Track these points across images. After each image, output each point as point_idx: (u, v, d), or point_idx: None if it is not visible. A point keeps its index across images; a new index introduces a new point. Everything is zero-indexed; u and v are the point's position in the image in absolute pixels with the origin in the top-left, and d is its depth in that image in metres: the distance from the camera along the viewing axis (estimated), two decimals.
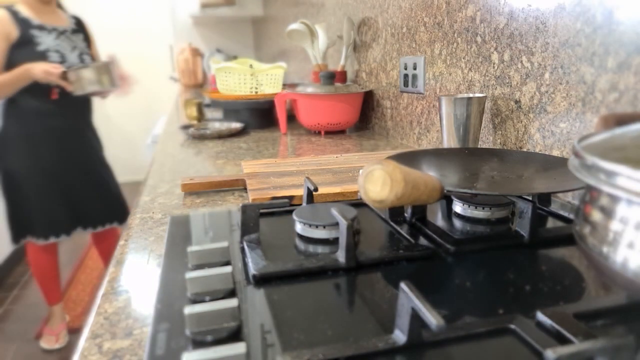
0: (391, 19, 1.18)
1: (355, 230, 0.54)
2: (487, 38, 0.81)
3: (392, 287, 0.42)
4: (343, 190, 0.70)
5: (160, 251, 0.55)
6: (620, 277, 0.31)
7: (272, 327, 0.36)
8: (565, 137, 0.66)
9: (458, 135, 0.78)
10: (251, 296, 0.41)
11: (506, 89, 0.77)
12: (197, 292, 0.40)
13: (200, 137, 1.32)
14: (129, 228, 0.63)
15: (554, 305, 0.38)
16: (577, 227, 0.36)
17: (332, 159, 0.93)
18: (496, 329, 0.35)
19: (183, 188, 0.76)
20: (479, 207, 0.58)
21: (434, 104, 1.01)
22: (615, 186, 0.30)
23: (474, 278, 0.44)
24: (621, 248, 0.31)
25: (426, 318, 0.30)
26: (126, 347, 0.36)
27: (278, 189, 0.72)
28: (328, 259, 0.46)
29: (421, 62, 1.04)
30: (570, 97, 0.64)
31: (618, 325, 0.35)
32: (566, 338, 0.33)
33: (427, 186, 0.46)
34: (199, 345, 0.34)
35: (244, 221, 0.52)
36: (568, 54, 0.64)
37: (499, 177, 0.62)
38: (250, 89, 1.53)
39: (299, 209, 0.57)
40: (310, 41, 1.51)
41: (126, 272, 0.50)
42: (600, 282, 0.42)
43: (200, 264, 0.46)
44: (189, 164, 0.99)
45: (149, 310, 0.42)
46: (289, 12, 2.51)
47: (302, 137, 1.29)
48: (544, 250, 0.49)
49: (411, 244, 0.51)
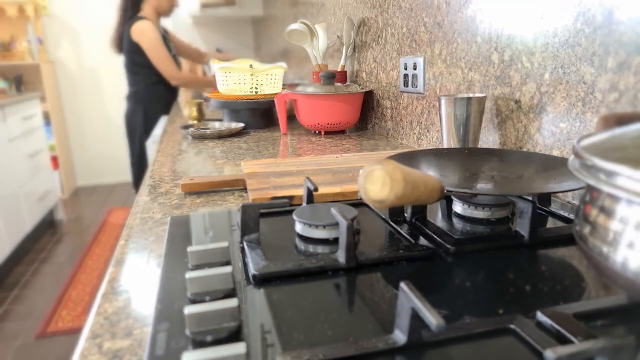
0: (391, 19, 1.18)
1: (355, 230, 0.54)
2: (487, 38, 0.81)
3: (392, 287, 0.42)
4: (343, 190, 0.70)
5: (160, 251, 0.55)
6: (620, 277, 0.31)
7: (272, 327, 0.36)
8: (565, 137, 0.66)
9: (458, 135, 0.78)
10: (251, 296, 0.41)
11: (506, 89, 0.77)
12: (197, 292, 0.40)
13: (200, 137, 1.32)
14: (129, 228, 0.62)
15: (554, 305, 0.38)
16: (577, 227, 0.36)
17: (332, 159, 0.93)
18: (496, 329, 0.35)
19: (183, 188, 0.76)
20: (479, 207, 0.58)
21: (434, 104, 1.01)
22: (615, 186, 0.30)
23: (474, 278, 0.44)
24: (621, 248, 0.31)
25: (426, 318, 0.30)
26: (126, 347, 0.36)
27: (278, 189, 0.72)
28: (328, 259, 0.46)
29: (421, 62, 1.04)
30: (570, 97, 0.64)
31: (618, 325, 0.35)
32: (566, 338, 0.33)
33: (427, 186, 0.46)
34: (199, 345, 0.34)
35: (244, 221, 0.52)
36: (568, 54, 0.64)
37: (499, 177, 0.62)
38: (250, 89, 1.53)
39: (299, 209, 0.57)
40: (310, 41, 1.51)
41: (126, 272, 0.50)
42: (600, 282, 0.42)
43: (200, 264, 0.46)
44: (189, 164, 0.99)
45: (149, 310, 0.41)
46: (289, 12, 2.51)
47: (302, 137, 1.29)
48: (544, 250, 0.49)
49: (411, 244, 0.51)
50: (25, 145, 3.13)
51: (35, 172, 3.25)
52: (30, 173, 3.15)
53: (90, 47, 4.14)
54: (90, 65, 4.21)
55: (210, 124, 1.47)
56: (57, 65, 4.16)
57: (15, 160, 2.94)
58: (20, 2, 3.85)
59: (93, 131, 4.35)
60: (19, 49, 3.94)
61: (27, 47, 3.91)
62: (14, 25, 3.97)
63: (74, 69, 4.21)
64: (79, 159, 4.41)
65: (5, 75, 3.92)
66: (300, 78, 2.35)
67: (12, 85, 3.89)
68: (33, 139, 3.28)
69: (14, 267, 2.73)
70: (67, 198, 4.13)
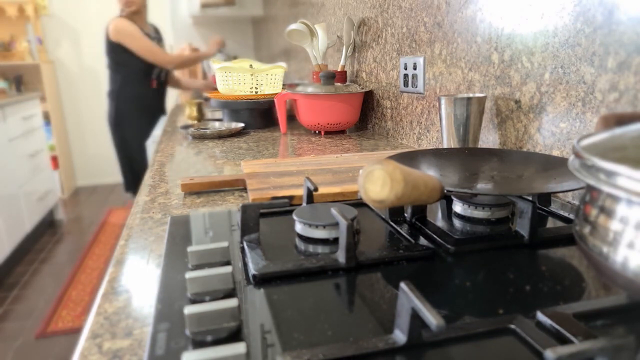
0: (391, 19, 1.18)
1: (355, 230, 0.54)
2: (487, 38, 0.81)
3: (392, 287, 0.42)
4: (343, 190, 0.70)
5: (160, 251, 0.55)
6: (620, 277, 0.31)
7: (272, 327, 0.36)
8: (565, 137, 0.66)
9: (458, 135, 0.78)
10: (251, 296, 0.41)
11: (506, 89, 0.77)
12: (197, 292, 0.40)
13: (200, 137, 1.32)
14: (129, 228, 0.62)
15: (554, 305, 0.38)
16: (577, 227, 0.36)
17: (332, 159, 0.93)
18: (496, 329, 0.35)
19: (183, 188, 0.76)
20: (479, 207, 0.58)
21: (434, 104, 1.01)
22: (615, 186, 0.30)
23: (474, 278, 0.44)
24: (621, 248, 0.31)
25: (426, 318, 0.30)
26: (126, 347, 0.36)
27: (278, 189, 0.72)
28: (328, 259, 0.46)
29: (421, 62, 1.04)
30: (570, 97, 0.64)
31: (618, 325, 0.35)
32: (566, 338, 0.33)
33: (427, 186, 0.46)
34: (199, 345, 0.34)
35: (244, 221, 0.52)
36: (568, 54, 0.64)
37: (499, 177, 0.62)
38: (250, 89, 1.53)
39: (299, 209, 0.57)
40: (310, 41, 1.51)
41: (126, 272, 0.50)
42: (600, 282, 0.42)
43: (200, 264, 0.46)
44: (189, 164, 0.99)
45: (149, 310, 0.41)
46: (289, 12, 2.51)
47: (302, 137, 1.29)
48: (544, 250, 0.49)
49: (411, 244, 0.51)
50: (25, 145, 3.13)
51: (35, 172, 3.25)
52: (30, 173, 3.15)
53: (90, 47, 4.14)
54: (90, 65, 4.21)
55: (210, 124, 1.47)
56: (57, 65, 4.16)
57: (15, 160, 2.94)
58: (20, 2, 3.86)
59: (93, 131, 4.36)
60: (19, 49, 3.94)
61: (27, 47, 3.91)
62: (14, 25, 3.97)
63: (74, 69, 4.21)
64: (79, 159, 4.41)
65: (5, 75, 3.92)
66: (300, 78, 2.35)
67: (12, 85, 3.89)
68: (33, 139, 3.29)
69: (14, 267, 2.73)
70: (67, 198, 4.13)
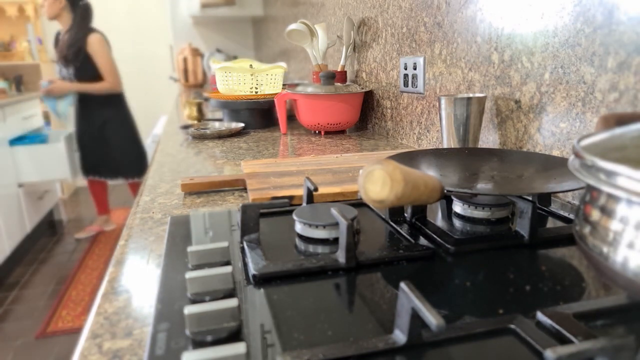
0: (391, 19, 1.18)
1: (355, 230, 0.54)
2: (487, 38, 0.81)
3: (392, 287, 0.42)
4: (343, 190, 0.70)
5: (160, 251, 0.55)
6: (620, 277, 0.31)
7: (272, 327, 0.36)
8: (565, 137, 0.66)
9: (458, 135, 0.78)
10: (251, 296, 0.41)
11: (506, 89, 0.77)
12: (197, 292, 0.40)
13: (200, 137, 1.32)
14: (129, 228, 0.63)
15: (554, 305, 0.38)
16: (577, 227, 0.36)
17: (332, 159, 0.93)
18: (496, 329, 0.35)
19: (183, 188, 0.76)
20: (479, 207, 0.58)
21: (434, 104, 1.01)
22: (615, 186, 0.30)
23: (474, 278, 0.44)
24: (621, 248, 0.31)
25: (426, 318, 0.30)
26: (126, 347, 0.36)
27: (278, 189, 0.72)
28: (328, 259, 0.46)
29: (421, 62, 1.04)
30: (570, 97, 0.64)
31: (618, 325, 0.35)
32: (566, 338, 0.33)
33: (427, 186, 0.46)
34: (199, 345, 0.34)
35: (244, 221, 0.52)
36: (568, 54, 0.64)
37: (499, 177, 0.62)
38: (250, 89, 1.53)
39: (299, 209, 0.57)
40: (310, 41, 1.51)
41: (126, 272, 0.50)
42: (600, 282, 0.42)
43: (200, 264, 0.46)
44: (189, 164, 0.99)
45: (149, 310, 0.42)
46: (289, 12, 2.51)
47: (302, 137, 1.29)
48: (544, 250, 0.49)
49: (411, 244, 0.51)
50: None
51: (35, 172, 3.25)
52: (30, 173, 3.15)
53: None
54: None
55: (210, 124, 1.47)
56: None
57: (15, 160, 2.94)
58: (20, 2, 3.86)
59: None
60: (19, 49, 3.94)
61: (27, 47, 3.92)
62: (14, 25, 3.97)
63: None
64: None
65: (5, 75, 3.92)
66: (300, 78, 2.35)
67: (12, 85, 3.89)
68: None
69: (14, 267, 2.73)
70: (67, 198, 4.13)
